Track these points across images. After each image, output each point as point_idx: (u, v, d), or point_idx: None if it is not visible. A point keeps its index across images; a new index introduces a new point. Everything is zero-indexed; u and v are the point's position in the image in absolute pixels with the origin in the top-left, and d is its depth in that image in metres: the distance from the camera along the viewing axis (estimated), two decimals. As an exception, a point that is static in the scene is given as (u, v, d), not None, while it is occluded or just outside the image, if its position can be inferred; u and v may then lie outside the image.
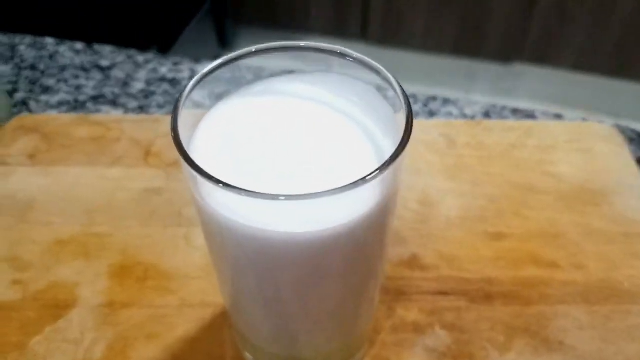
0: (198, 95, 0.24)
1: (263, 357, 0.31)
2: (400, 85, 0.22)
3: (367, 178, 0.19)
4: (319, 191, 0.19)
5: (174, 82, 0.57)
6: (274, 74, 0.26)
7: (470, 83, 1.60)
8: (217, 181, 0.19)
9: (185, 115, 0.23)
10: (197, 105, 0.24)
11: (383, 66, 0.23)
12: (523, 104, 0.53)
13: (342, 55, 0.24)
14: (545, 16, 1.49)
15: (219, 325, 0.35)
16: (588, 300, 0.37)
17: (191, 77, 0.25)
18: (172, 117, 0.22)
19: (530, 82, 1.59)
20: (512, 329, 0.35)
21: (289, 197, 0.19)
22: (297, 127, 0.24)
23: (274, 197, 0.19)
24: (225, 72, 0.24)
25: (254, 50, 0.25)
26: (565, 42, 1.52)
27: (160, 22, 0.98)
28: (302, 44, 0.24)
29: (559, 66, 1.57)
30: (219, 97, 0.25)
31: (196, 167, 0.20)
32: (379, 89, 0.24)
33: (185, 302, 0.36)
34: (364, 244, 0.23)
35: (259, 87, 0.25)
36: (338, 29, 1.57)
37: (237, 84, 0.25)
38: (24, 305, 0.36)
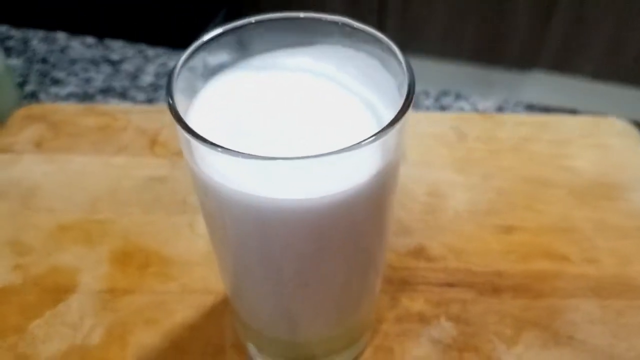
0: (196, 65, 0.23)
1: (264, 343, 0.30)
2: (402, 53, 0.22)
3: (363, 142, 0.18)
4: (315, 153, 0.18)
5: (183, 75, 0.57)
6: (274, 47, 0.25)
7: (488, 90, 1.58)
8: (211, 144, 0.19)
9: (182, 86, 0.23)
10: (195, 76, 0.24)
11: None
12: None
13: (343, 25, 0.24)
14: (564, 24, 1.47)
15: (220, 312, 0.35)
16: (600, 295, 0.35)
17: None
18: (167, 83, 0.21)
19: (548, 90, 1.58)
20: (520, 322, 0.34)
21: (286, 159, 0.18)
22: (296, 100, 0.23)
23: (271, 159, 0.18)
24: (225, 43, 0.24)
25: (253, 21, 0.24)
26: (585, 50, 1.50)
27: (175, 29, 0.98)
28: (302, 15, 0.24)
29: (577, 74, 1.55)
30: (217, 69, 0.24)
31: (190, 131, 0.19)
32: (382, 60, 0.24)
33: (186, 289, 0.36)
34: (363, 216, 0.22)
35: (258, 60, 0.25)
36: (353, 35, 1.57)
37: (236, 57, 0.25)
38: (24, 289, 0.36)
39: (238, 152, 0.18)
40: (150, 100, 0.54)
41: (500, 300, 0.35)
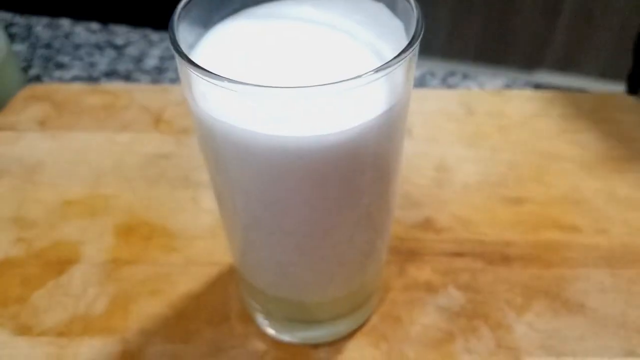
0: (197, 12, 0.23)
1: (270, 306, 0.30)
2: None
3: (367, 73, 0.18)
4: (316, 84, 0.17)
5: (188, 59, 0.56)
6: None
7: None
8: (214, 75, 0.18)
9: (184, 31, 0.22)
10: (197, 24, 0.23)
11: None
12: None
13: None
14: (570, 23, 1.46)
15: (225, 283, 0.34)
16: (611, 264, 0.35)
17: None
18: (170, 22, 0.21)
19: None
20: (530, 291, 0.33)
21: (288, 88, 0.18)
22: (302, 47, 0.23)
23: (274, 88, 0.18)
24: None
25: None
26: (591, 50, 1.49)
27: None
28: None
29: (584, 75, 1.54)
30: (222, 17, 0.24)
31: (193, 64, 0.19)
32: (388, 3, 0.23)
33: (191, 261, 0.35)
34: (368, 159, 0.21)
35: (263, 9, 0.25)
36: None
37: (241, 4, 0.24)
38: (26, 261, 0.36)
39: (240, 81, 0.18)
40: (155, 82, 0.53)
41: (509, 269, 0.34)
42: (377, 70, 0.18)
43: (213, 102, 0.20)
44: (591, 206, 0.38)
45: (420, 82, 0.52)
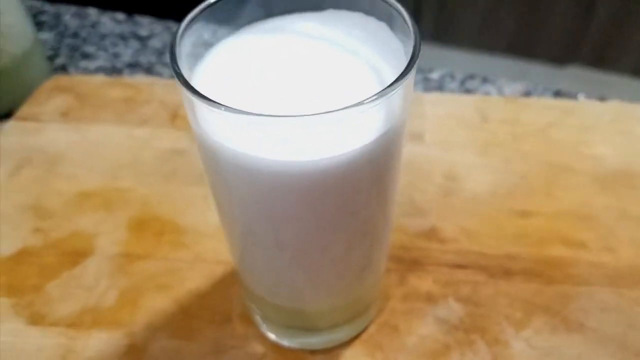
0: (203, 27, 0.23)
1: (269, 311, 0.30)
2: (409, 15, 0.22)
3: (365, 101, 0.18)
4: (315, 112, 0.18)
5: (210, 53, 0.57)
6: (284, 12, 0.25)
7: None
8: (213, 102, 0.19)
9: (188, 47, 0.23)
10: (202, 38, 0.24)
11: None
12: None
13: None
14: (605, 18, 1.43)
15: (228, 283, 0.35)
16: (615, 284, 0.35)
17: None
18: (170, 43, 0.21)
19: (587, 86, 1.53)
20: (531, 306, 0.33)
21: (285, 117, 0.18)
22: (303, 64, 0.23)
23: (276, 118, 0.18)
24: (232, 7, 0.24)
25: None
26: (626, 46, 1.46)
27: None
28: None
29: (617, 71, 1.51)
30: (225, 33, 0.25)
31: (194, 91, 0.19)
32: (391, 25, 0.23)
33: (199, 258, 0.36)
34: (363, 182, 0.22)
35: (267, 24, 0.25)
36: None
37: (245, 20, 0.25)
38: (43, 251, 0.37)
39: (239, 110, 0.18)
40: (176, 76, 0.54)
41: (511, 283, 0.35)
42: (376, 97, 0.18)
43: (214, 125, 0.20)
44: (600, 223, 0.38)
45: (439, 85, 0.52)
